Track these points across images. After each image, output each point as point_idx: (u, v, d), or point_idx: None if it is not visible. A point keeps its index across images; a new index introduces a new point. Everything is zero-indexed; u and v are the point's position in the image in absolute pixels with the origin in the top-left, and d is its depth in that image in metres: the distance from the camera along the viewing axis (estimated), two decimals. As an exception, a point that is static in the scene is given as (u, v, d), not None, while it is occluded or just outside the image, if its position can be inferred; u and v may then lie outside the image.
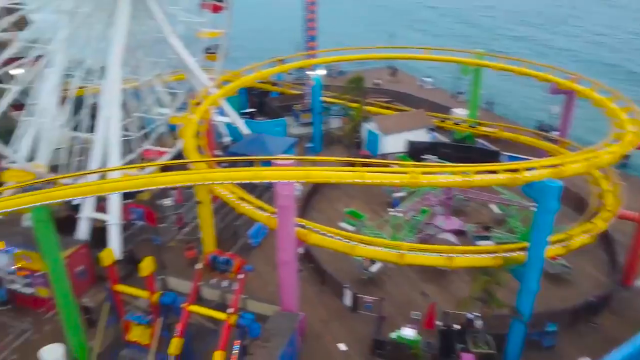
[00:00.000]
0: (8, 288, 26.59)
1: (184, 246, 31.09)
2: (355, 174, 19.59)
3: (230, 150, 38.41)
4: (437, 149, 41.71)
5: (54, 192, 19.17)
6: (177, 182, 20.42)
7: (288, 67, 42.27)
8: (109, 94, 29.77)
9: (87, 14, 29.81)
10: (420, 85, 60.35)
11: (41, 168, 28.37)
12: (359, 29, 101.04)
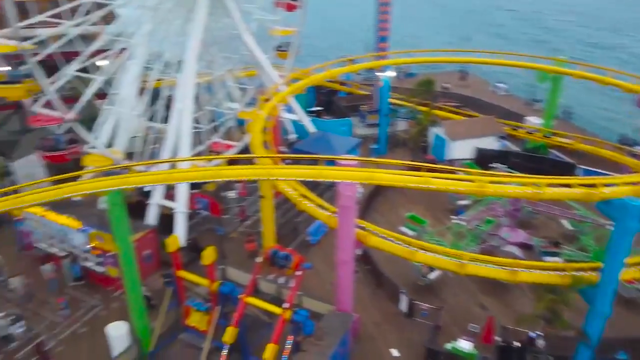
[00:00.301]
0: (82, 265, 28.31)
1: (244, 238, 31.78)
2: (420, 178, 19.21)
3: (295, 147, 38.81)
4: (507, 158, 40.18)
5: (128, 178, 20.20)
6: (242, 176, 20.91)
7: (358, 67, 42.21)
8: (184, 87, 30.94)
9: (168, 9, 31.06)
10: (493, 91, 58.43)
11: (118, 154, 29.95)
12: (430, 31, 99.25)
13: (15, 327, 23.93)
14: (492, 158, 40.06)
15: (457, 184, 19.42)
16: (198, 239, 31.54)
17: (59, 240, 28.43)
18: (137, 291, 23.30)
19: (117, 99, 31.35)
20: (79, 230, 27.03)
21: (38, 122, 26.08)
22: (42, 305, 26.39)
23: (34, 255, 29.94)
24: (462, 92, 54.20)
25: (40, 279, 28.24)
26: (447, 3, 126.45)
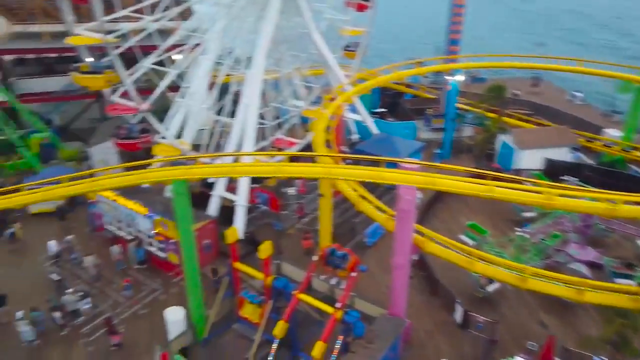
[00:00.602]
0: (146, 249, 29.64)
1: (301, 235, 32.04)
2: (484, 187, 18.57)
3: (357, 147, 38.71)
4: (580, 171, 38.16)
5: (193, 169, 20.91)
6: (303, 174, 21.10)
7: (425, 69, 41.47)
8: (251, 84, 31.61)
9: (241, 7, 31.83)
10: (568, 100, 55.65)
11: (185, 145, 31.04)
12: (500, 35, 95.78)
13: (82, 304, 25.37)
14: (563, 170, 38.17)
15: (523, 194, 18.61)
16: (255, 233, 32.16)
17: (127, 224, 29.90)
18: (195, 278, 24.04)
19: (188, 92, 32.48)
20: (145, 216, 28.26)
21: (115, 111, 27.53)
22: (108, 285, 27.84)
23: (103, 236, 31.69)
24: (534, 100, 51.90)
25: (108, 259, 29.82)
26: (517, 6, 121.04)
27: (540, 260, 29.14)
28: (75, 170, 37.41)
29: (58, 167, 36.73)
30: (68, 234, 31.37)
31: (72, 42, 25.14)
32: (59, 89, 42.18)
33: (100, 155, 38.32)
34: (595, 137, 42.94)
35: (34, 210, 33.96)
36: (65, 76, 41.64)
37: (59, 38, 40.82)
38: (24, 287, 28.21)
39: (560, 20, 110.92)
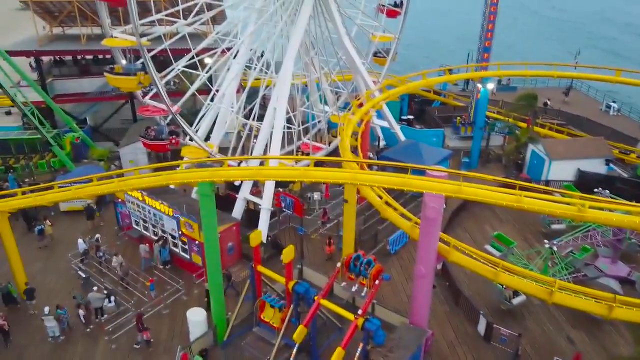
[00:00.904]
0: (171, 249, 30.03)
1: (324, 240, 31.97)
2: (512, 196, 18.17)
3: (384, 154, 38.44)
4: (613, 184, 37.06)
5: (219, 171, 21.08)
6: (328, 179, 21.04)
7: (456, 77, 40.97)
8: (280, 88, 31.77)
9: (272, 12, 32.10)
10: (602, 111, 54.20)
11: (213, 148, 31.35)
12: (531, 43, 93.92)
13: (107, 302, 25.81)
14: (595, 182, 37.10)
15: (553, 205, 18.15)
16: (279, 237, 32.27)
17: (153, 224, 30.36)
18: (218, 281, 24.24)
19: (217, 95, 32.85)
20: (171, 217, 28.63)
21: (146, 112, 28.06)
22: (133, 283, 28.26)
23: (130, 235, 32.25)
24: (567, 110, 50.64)
25: (134, 258, 30.37)
26: (550, 14, 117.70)
27: (569, 274, 28.38)
28: (106, 169, 38.38)
29: (89, 166, 37.64)
30: (96, 233, 32.07)
31: (107, 44, 25.77)
32: (93, 90, 43.29)
33: (130, 156, 39.13)
34: (630, 148, 41.64)
35: (64, 208, 34.83)
36: (99, 78, 42.98)
37: (95, 40, 42.14)
38: (51, 282, 28.94)
39: (594, 28, 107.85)
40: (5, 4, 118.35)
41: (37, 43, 41.76)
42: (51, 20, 43.55)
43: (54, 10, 42.82)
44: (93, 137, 43.89)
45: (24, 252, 28.61)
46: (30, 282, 27.38)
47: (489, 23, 41.76)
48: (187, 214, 27.85)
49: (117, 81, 26.54)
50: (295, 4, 32.51)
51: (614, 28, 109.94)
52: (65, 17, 43.32)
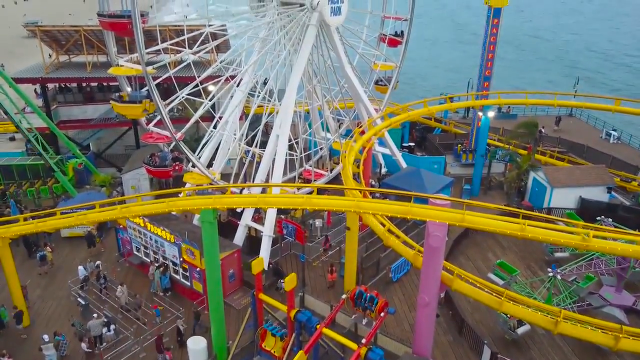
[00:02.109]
0: (172, 275, 29.82)
1: (326, 268, 31.79)
2: (516, 225, 18.14)
3: (385, 181, 38.54)
4: (615, 212, 37.04)
5: (222, 199, 21.09)
6: (331, 206, 21.01)
7: (457, 105, 41.37)
8: (282, 116, 32.06)
9: (276, 42, 32.67)
10: (604, 138, 54.50)
11: (215, 175, 31.44)
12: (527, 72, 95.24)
13: (106, 330, 25.50)
14: (597, 210, 37.07)
15: (557, 234, 18.07)
16: (280, 264, 32.09)
17: (154, 250, 30.24)
18: (219, 308, 24.00)
19: (220, 122, 33.12)
20: (173, 244, 28.53)
21: (150, 139, 28.25)
22: (133, 311, 27.97)
23: (131, 262, 32.09)
24: (568, 138, 50.88)
25: (134, 284, 30.19)
26: (537, 48, 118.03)
27: (573, 302, 28.12)
28: (108, 195, 38.46)
29: (91, 192, 37.68)
30: (97, 259, 31.93)
31: (113, 73, 26.14)
32: (98, 116, 43.69)
33: (132, 182, 39.22)
34: (631, 176, 41.72)
35: (65, 234, 34.75)
36: (104, 105, 43.51)
37: (100, 68, 42.72)
38: (51, 309, 28.70)
39: (579, 59, 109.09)
40: (15, 32, 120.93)
41: (43, 70, 42.30)
42: (58, 48, 44.23)
43: (60, 39, 43.55)
44: (96, 163, 44.07)
45: (24, 278, 28.48)
46: (30, 309, 27.12)
47: (489, 53, 42.38)
48: (189, 241, 27.76)
49: (122, 109, 26.84)
50: (299, 34, 33.06)
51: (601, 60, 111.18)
52: (71, 46, 43.99)
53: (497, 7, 40.97)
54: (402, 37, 42.85)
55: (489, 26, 41.75)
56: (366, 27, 40.72)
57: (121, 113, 27.83)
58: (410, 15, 42.14)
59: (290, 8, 32.54)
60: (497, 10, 41.12)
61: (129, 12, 24.34)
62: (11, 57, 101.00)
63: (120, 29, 25.10)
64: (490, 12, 41.30)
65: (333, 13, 32.62)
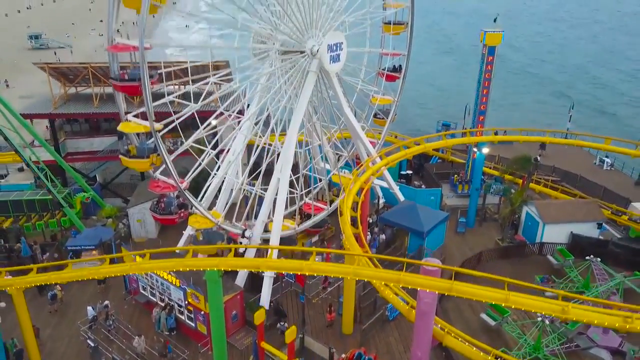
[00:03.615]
0: (177, 316, 31.11)
1: (325, 305, 33.02)
2: (501, 295, 19.43)
3: (383, 216, 39.83)
4: (606, 247, 38.32)
5: (227, 261, 22.50)
6: (330, 272, 22.30)
7: (453, 142, 42.62)
8: (283, 159, 33.36)
9: (276, 91, 34.09)
10: (597, 165, 55.72)
11: (218, 217, 32.71)
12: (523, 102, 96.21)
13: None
14: (588, 245, 38.38)
15: (539, 305, 19.38)
16: (281, 302, 33.34)
17: (160, 291, 31.52)
18: (222, 351, 25.30)
19: (222, 166, 34.36)
20: (178, 287, 29.80)
21: (157, 188, 29.46)
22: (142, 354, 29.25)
23: (137, 300, 33.38)
24: (561, 166, 52.07)
25: (140, 322, 31.56)
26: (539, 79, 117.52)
27: (561, 344, 29.30)
28: (114, 229, 39.80)
29: (98, 227, 38.98)
30: (105, 296, 33.19)
31: (122, 130, 27.43)
32: (104, 148, 45.04)
33: (138, 215, 40.51)
34: (622, 210, 42.89)
35: (75, 268, 36.05)
36: (110, 137, 44.88)
37: (107, 101, 44.06)
38: (61, 348, 29.96)
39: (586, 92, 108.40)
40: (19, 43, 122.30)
41: (51, 104, 43.62)
42: (66, 82, 45.55)
43: (69, 74, 44.88)
44: (102, 193, 45.40)
45: (35, 316, 29.70)
46: (42, 348, 28.40)
47: (484, 89, 43.63)
48: (194, 286, 29.01)
49: (131, 163, 28.18)
50: (299, 79, 34.32)
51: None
52: (80, 80, 45.32)
53: (492, 45, 42.20)
54: (400, 71, 44.07)
55: (484, 63, 42.99)
56: (364, 66, 41.88)
57: (130, 167, 29.14)
58: (408, 51, 43.41)
59: (291, 54, 33.80)
60: (491, 49, 42.37)
61: (138, 74, 25.65)
62: (16, 72, 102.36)
63: (131, 91, 26.45)
64: (485, 50, 42.55)
65: (332, 60, 33.92)
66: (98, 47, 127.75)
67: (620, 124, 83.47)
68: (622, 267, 36.85)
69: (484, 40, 42.09)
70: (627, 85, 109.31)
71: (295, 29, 33.00)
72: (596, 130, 78.72)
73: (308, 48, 33.45)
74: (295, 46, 33.63)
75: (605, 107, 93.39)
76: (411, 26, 42.66)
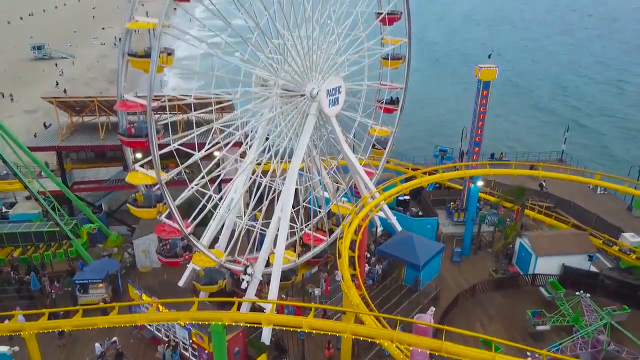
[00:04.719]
0: (182, 353, 32.39)
1: (324, 340, 34.22)
2: (487, 356, 20.69)
3: (381, 248, 41.10)
4: (596, 279, 39.63)
5: (232, 315, 23.73)
6: (328, 330, 23.54)
7: (449, 175, 43.78)
8: (284, 199, 34.61)
9: (278, 134, 35.35)
10: (591, 188, 56.86)
11: (221, 257, 33.96)
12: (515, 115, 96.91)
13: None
14: (579, 277, 39.69)
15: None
16: (281, 337, 34.56)
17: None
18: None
19: (224, 205, 35.58)
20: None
21: (163, 232, 30.69)
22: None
23: (143, 335, 34.64)
24: (555, 193, 53.30)
25: (146, 356, 32.76)
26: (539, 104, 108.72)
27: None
28: (119, 261, 41.13)
29: (105, 260, 40.33)
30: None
31: (130, 181, 28.67)
32: (110, 177, 46.31)
33: (143, 246, 41.83)
34: (613, 240, 44.06)
35: (81, 301, 37.31)
36: (115, 167, 46.13)
37: (112, 131, 45.27)
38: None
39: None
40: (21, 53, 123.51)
41: (58, 137, 44.90)
42: (72, 112, 46.80)
43: (75, 106, 46.14)
44: (107, 221, 46.67)
45: (43, 349, 30.79)
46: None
47: (479, 121, 44.84)
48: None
49: (138, 212, 29.47)
50: (300, 121, 35.54)
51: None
52: (87, 111, 46.58)
53: (487, 80, 43.39)
54: (397, 104, 45.25)
55: (479, 97, 44.18)
56: (362, 100, 43.00)
57: (137, 215, 30.38)
58: (405, 85, 44.60)
59: (292, 96, 34.98)
60: (486, 84, 43.54)
61: (145, 129, 26.93)
62: (19, 83, 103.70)
63: (139, 147, 27.77)
64: (480, 84, 43.72)
65: (331, 104, 35.16)
66: (100, 57, 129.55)
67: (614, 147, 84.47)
68: (612, 299, 38.29)
69: (479, 75, 43.25)
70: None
71: (295, 74, 34.21)
72: (588, 147, 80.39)
73: (308, 91, 34.65)
74: (295, 89, 34.82)
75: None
76: (409, 60, 43.87)
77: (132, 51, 26.71)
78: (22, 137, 74.88)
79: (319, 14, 35.55)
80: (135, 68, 26.94)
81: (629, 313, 36.30)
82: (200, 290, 33.61)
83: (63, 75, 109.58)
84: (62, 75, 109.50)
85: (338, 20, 37.56)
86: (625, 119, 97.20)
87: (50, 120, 63.15)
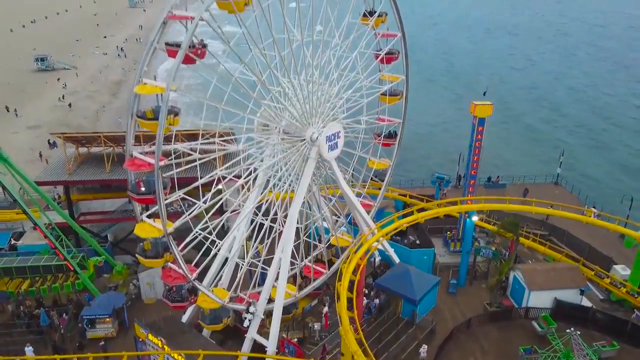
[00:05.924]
0: (186, 391, 33.65)
1: (323, 378, 35.64)
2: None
3: (378, 282, 42.36)
4: (587, 313, 40.94)
5: None
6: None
7: (444, 210, 44.94)
8: (284, 240, 35.85)
9: (279, 177, 36.63)
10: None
11: (225, 297, 35.17)
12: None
13: None
14: (571, 310, 41.00)
15: None
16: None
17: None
18: None
19: (225, 244, 36.80)
20: None
21: (169, 278, 31.91)
22: None
23: (149, 371, 35.92)
24: (549, 221, 54.50)
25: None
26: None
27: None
28: (125, 294, 42.44)
29: (111, 294, 41.64)
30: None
31: (138, 234, 29.89)
32: (116, 209, 47.59)
33: (148, 279, 43.10)
34: (605, 273, 45.31)
35: (89, 335, 38.68)
36: (120, 198, 47.38)
37: (118, 163, 46.49)
38: None
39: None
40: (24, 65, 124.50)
41: (65, 171, 46.14)
42: (79, 145, 48.07)
43: (82, 140, 47.42)
44: (113, 251, 47.97)
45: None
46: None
47: (474, 156, 46.05)
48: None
49: (147, 263, 30.81)
50: (300, 164, 36.76)
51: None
52: (93, 144, 47.84)
53: (482, 117, 44.61)
54: (395, 138, 46.49)
55: (475, 133, 45.38)
56: (361, 136, 44.18)
57: (146, 265, 31.63)
58: (403, 120, 45.82)
59: (292, 140, 36.18)
60: (481, 120, 44.74)
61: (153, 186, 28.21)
62: (23, 97, 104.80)
63: (147, 203, 29.06)
64: (475, 121, 44.93)
65: (330, 149, 36.39)
66: (102, 68, 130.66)
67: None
68: (603, 332, 39.64)
69: (474, 111, 44.46)
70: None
71: (295, 120, 35.41)
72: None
73: (308, 136, 35.86)
74: (295, 133, 36.01)
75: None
76: (406, 97, 45.10)
77: (141, 112, 27.94)
78: (26, 154, 76.97)
79: (319, 59, 36.75)
80: (144, 128, 28.24)
81: (618, 349, 37.63)
82: (206, 329, 34.88)
83: (66, 87, 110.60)
84: (65, 87, 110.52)
85: (337, 63, 38.77)
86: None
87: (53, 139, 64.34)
